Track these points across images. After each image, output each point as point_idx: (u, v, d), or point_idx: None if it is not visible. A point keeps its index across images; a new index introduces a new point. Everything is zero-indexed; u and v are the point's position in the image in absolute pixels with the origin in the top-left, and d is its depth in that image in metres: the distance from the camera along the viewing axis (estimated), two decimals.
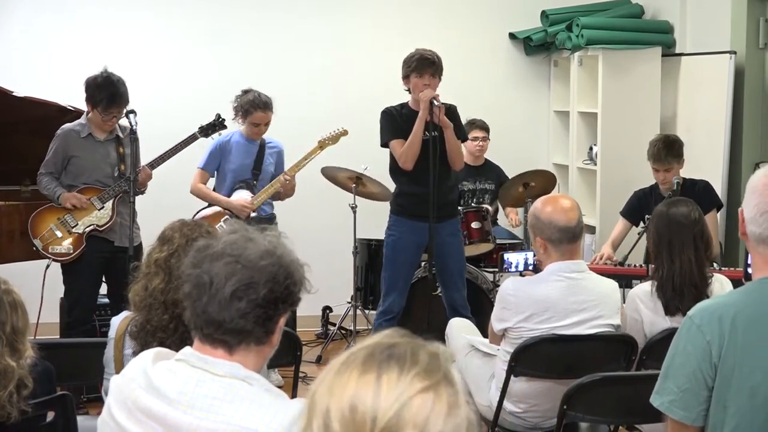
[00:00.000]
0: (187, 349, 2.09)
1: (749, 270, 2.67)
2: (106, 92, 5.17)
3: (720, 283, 3.91)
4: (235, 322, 2.01)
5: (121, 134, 5.37)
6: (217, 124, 5.70)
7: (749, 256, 2.59)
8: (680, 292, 3.77)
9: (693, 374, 2.29)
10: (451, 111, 5.51)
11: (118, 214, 5.31)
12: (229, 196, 5.84)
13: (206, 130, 5.66)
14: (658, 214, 3.95)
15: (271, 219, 5.89)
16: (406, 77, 5.39)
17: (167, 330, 2.77)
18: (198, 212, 5.77)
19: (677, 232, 3.85)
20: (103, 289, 5.52)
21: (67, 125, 5.37)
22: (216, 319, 2.02)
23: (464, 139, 5.73)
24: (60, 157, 5.31)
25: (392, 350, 1.27)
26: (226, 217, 5.75)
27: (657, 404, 2.35)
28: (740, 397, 2.26)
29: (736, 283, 3.92)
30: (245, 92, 5.80)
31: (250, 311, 2.01)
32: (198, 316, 2.05)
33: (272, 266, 2.02)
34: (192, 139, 5.56)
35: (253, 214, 5.81)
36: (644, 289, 3.92)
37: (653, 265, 3.96)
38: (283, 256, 2.05)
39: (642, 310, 3.87)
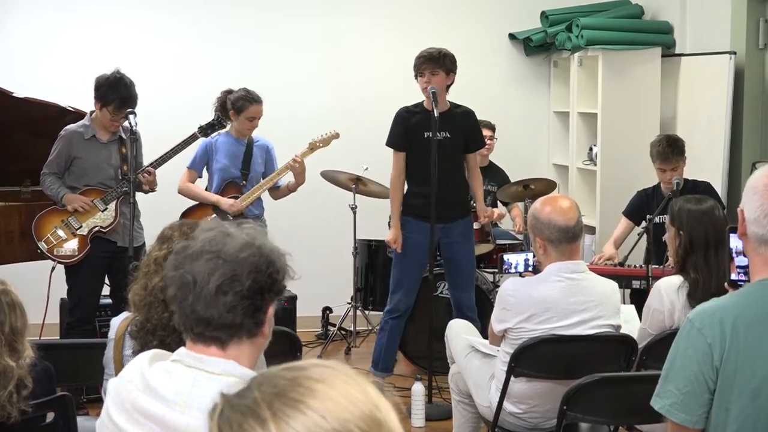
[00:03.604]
0: (181, 349, 2.09)
1: (732, 276, 2.65)
2: (119, 94, 5.18)
3: None
4: (223, 317, 2.01)
5: (123, 135, 5.37)
6: (216, 124, 5.70)
7: (734, 260, 2.55)
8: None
9: (694, 377, 2.28)
10: (464, 116, 5.56)
11: (122, 215, 5.31)
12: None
13: (206, 130, 5.67)
14: (688, 211, 3.83)
15: (257, 219, 5.86)
16: (416, 77, 5.44)
17: (167, 328, 2.76)
18: (184, 212, 5.76)
19: (712, 229, 3.76)
20: (106, 290, 5.52)
21: (71, 126, 5.36)
22: (205, 317, 2.02)
23: (477, 148, 5.70)
24: (63, 158, 5.31)
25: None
26: (213, 215, 5.75)
27: (658, 407, 2.34)
28: (742, 400, 2.25)
29: None
30: (228, 92, 5.80)
31: (237, 304, 2.01)
32: (187, 317, 2.05)
33: (253, 257, 2.02)
34: (192, 138, 5.57)
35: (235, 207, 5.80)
36: (672, 282, 3.85)
37: (679, 266, 3.83)
38: (263, 246, 2.05)
39: (665, 302, 3.84)
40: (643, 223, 5.56)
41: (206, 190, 5.91)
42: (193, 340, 2.07)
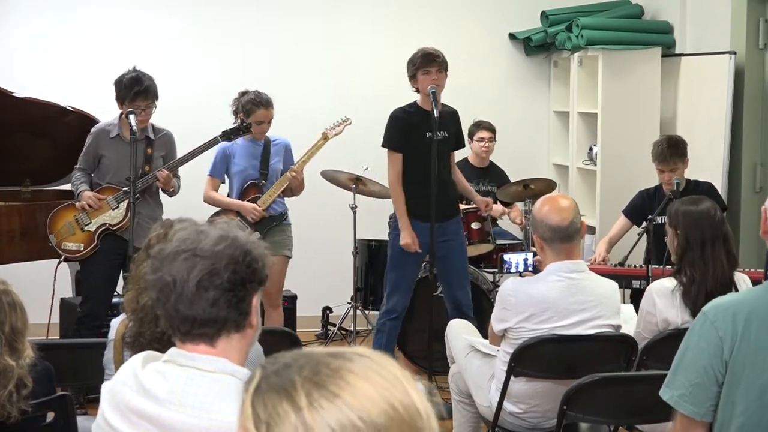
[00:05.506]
0: (172, 349, 2.09)
1: None
2: (130, 85, 5.23)
3: (745, 284, 3.90)
4: (208, 312, 2.02)
5: (152, 135, 5.39)
6: (242, 129, 5.60)
7: None
8: (711, 297, 3.57)
9: (704, 369, 2.28)
10: (453, 115, 5.58)
11: (138, 215, 5.26)
12: (239, 198, 5.81)
13: (229, 134, 5.57)
14: (685, 212, 3.88)
15: (282, 217, 5.85)
16: (412, 77, 5.40)
17: (161, 341, 2.76)
18: (209, 220, 5.74)
19: (709, 229, 3.80)
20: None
21: (101, 124, 5.46)
22: (190, 315, 2.03)
23: (462, 146, 5.83)
24: (91, 155, 5.40)
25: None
26: (238, 218, 5.71)
27: (666, 398, 2.34)
28: (749, 396, 2.25)
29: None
30: (243, 93, 5.78)
31: (220, 297, 2.02)
32: (172, 317, 2.05)
33: (229, 248, 2.03)
34: (214, 142, 5.52)
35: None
36: (663, 285, 3.88)
37: (677, 267, 3.86)
38: (238, 238, 2.07)
39: (658, 306, 3.85)
40: (644, 223, 5.56)
41: (228, 194, 5.88)
42: (182, 339, 2.07)
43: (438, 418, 1.17)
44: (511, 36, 7.76)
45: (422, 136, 5.40)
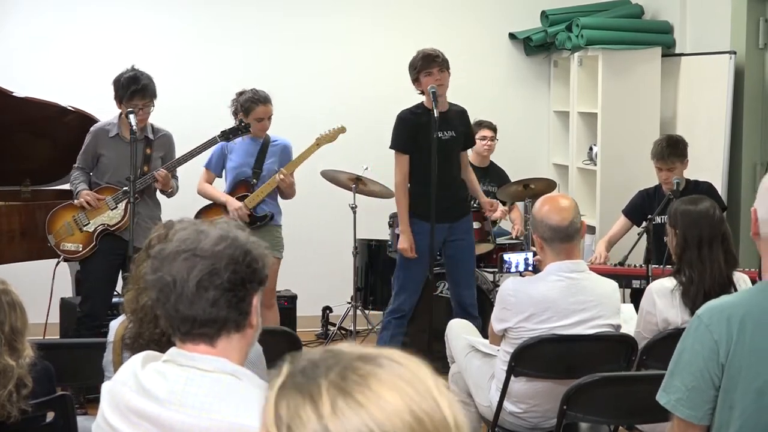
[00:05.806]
0: (172, 349, 2.09)
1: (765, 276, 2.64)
2: (128, 84, 5.23)
3: (745, 283, 3.91)
4: (208, 312, 2.02)
5: (151, 136, 5.39)
6: (241, 129, 5.59)
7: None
8: (709, 297, 3.43)
9: (700, 373, 2.28)
10: (461, 114, 5.61)
11: (137, 215, 5.25)
12: (230, 194, 5.82)
13: (228, 134, 5.56)
14: (683, 212, 3.90)
15: (267, 218, 5.82)
16: (415, 80, 5.40)
17: (160, 343, 2.76)
18: (198, 212, 5.76)
19: (707, 228, 3.82)
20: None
21: (100, 123, 5.46)
22: (190, 315, 2.03)
23: (471, 145, 5.86)
24: (90, 154, 5.40)
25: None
26: (223, 216, 5.69)
27: (663, 402, 2.33)
28: (746, 399, 2.24)
29: None
30: (240, 93, 5.79)
31: (220, 297, 2.02)
32: (172, 318, 2.05)
33: (229, 248, 2.04)
34: (212, 142, 5.52)
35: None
36: (663, 285, 3.89)
37: (676, 266, 3.88)
38: (238, 238, 2.07)
39: (658, 306, 3.86)
40: (644, 223, 5.56)
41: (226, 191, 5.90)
42: (182, 339, 2.08)
43: None
44: (511, 36, 7.76)
45: (429, 137, 5.41)
